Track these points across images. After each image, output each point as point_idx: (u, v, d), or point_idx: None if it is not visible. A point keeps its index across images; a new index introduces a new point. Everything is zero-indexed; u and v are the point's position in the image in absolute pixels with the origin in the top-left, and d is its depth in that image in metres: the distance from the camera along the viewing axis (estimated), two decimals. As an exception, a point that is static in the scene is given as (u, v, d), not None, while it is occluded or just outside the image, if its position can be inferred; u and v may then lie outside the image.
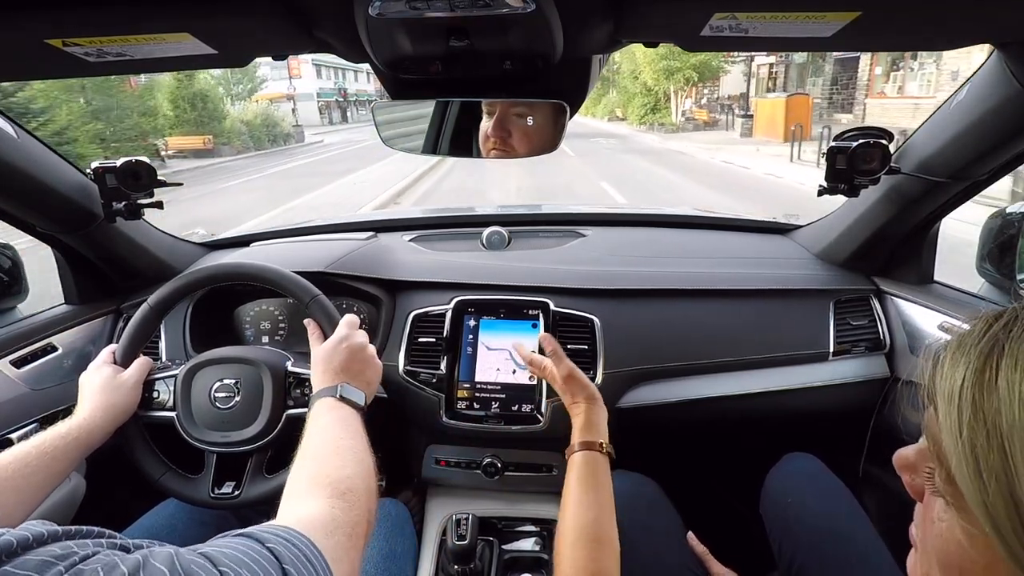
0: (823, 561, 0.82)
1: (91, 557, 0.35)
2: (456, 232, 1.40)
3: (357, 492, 0.57)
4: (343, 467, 0.60)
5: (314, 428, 0.69)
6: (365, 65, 0.72)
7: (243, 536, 0.44)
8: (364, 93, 46.38)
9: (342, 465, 0.61)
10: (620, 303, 1.11)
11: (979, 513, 0.28)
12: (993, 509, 0.28)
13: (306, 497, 0.55)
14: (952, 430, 0.30)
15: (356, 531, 0.53)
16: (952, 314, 1.00)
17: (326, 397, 0.74)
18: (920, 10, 0.56)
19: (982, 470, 0.28)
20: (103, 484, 1.03)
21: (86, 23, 0.54)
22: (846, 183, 0.97)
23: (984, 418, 0.28)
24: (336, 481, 0.57)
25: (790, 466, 1.00)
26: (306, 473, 0.60)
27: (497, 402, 1.04)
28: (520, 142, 0.79)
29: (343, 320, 0.86)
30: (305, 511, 0.53)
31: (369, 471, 0.63)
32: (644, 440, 1.27)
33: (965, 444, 0.29)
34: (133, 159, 1.01)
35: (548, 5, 0.53)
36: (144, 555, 0.37)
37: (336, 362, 0.80)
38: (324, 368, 0.80)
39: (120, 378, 0.86)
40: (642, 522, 0.90)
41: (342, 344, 0.82)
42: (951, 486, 0.31)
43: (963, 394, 0.30)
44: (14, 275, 1.13)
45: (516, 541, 1.03)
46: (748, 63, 20.79)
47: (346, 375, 0.79)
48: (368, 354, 0.85)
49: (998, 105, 0.75)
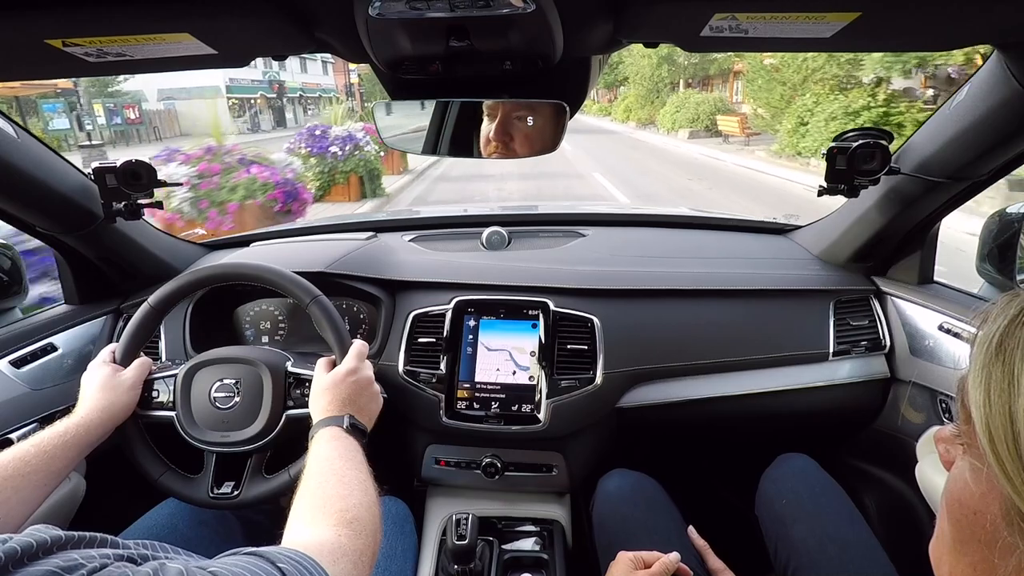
0: (819, 563, 0.82)
1: (101, 570, 0.34)
2: (456, 232, 1.40)
3: (363, 521, 0.58)
4: (349, 496, 0.61)
5: (319, 456, 0.69)
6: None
7: (254, 555, 0.44)
8: (313, 87, 35.88)
9: (348, 495, 0.61)
10: (620, 303, 1.11)
11: (981, 431, 0.31)
12: (993, 425, 0.31)
13: (313, 524, 0.56)
14: (977, 372, 0.33)
15: (362, 559, 0.54)
16: (952, 314, 1.00)
17: (332, 426, 0.75)
18: (920, 11, 0.56)
19: (991, 391, 0.31)
20: (103, 484, 1.03)
21: (86, 23, 0.54)
22: (846, 183, 0.97)
23: (1003, 357, 0.32)
24: (342, 510, 0.58)
25: (783, 467, 0.99)
26: (312, 501, 0.60)
27: (497, 402, 1.04)
28: (521, 144, 0.80)
29: (353, 351, 0.87)
30: (312, 537, 0.53)
31: (374, 502, 0.63)
32: (645, 439, 1.27)
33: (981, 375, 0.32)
34: (133, 159, 1.01)
35: (548, 5, 0.53)
36: (155, 568, 0.37)
37: (344, 394, 0.81)
38: (331, 398, 0.80)
39: (119, 377, 0.86)
40: (642, 519, 0.90)
41: (350, 377, 0.83)
42: (967, 425, 0.34)
43: (993, 340, 0.33)
44: (14, 275, 1.13)
45: (516, 541, 1.03)
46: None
47: (351, 407, 0.80)
48: (374, 390, 0.86)
49: (998, 105, 0.75)
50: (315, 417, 0.79)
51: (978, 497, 0.33)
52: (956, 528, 0.36)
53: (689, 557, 0.86)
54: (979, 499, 0.33)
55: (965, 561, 0.35)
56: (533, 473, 1.08)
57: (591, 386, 1.03)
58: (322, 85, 37.09)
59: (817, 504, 0.90)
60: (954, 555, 0.36)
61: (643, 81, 23.18)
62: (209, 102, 14.39)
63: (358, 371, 0.84)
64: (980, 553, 0.33)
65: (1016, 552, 0.30)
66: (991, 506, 0.32)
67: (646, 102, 23.15)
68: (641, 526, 0.90)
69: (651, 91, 22.95)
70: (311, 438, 0.75)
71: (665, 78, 22.43)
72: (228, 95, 27.79)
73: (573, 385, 1.03)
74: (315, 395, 0.82)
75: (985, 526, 0.32)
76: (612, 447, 1.15)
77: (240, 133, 22.39)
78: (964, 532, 0.35)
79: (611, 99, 36.92)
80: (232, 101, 28.15)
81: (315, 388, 0.83)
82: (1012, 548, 0.30)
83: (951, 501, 0.36)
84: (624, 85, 30.24)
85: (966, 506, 0.34)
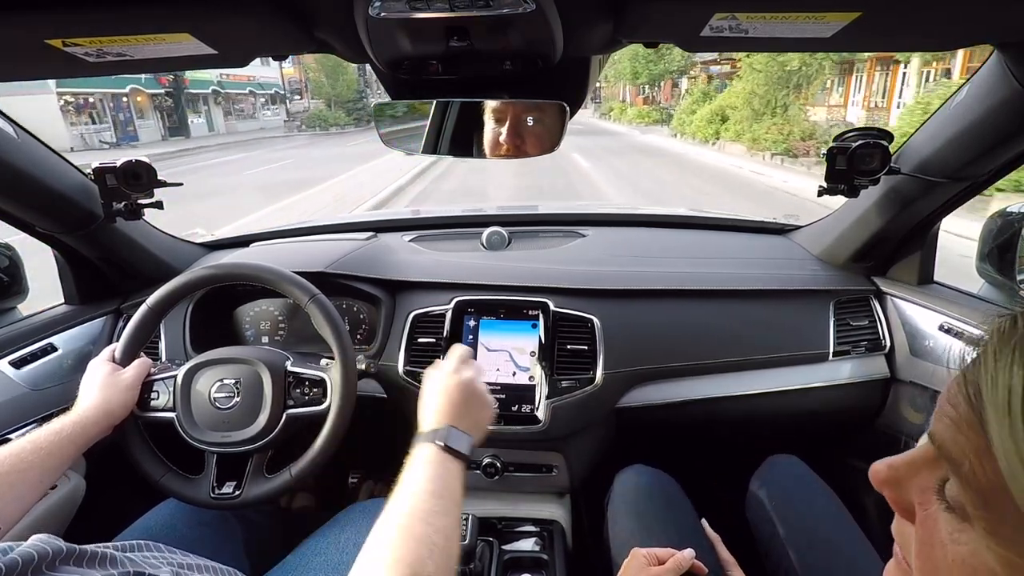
0: (809, 564, 0.82)
1: None
2: (456, 232, 1.40)
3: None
4: (427, 560, 0.51)
5: (407, 488, 0.60)
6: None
7: None
8: (242, 80, 27.07)
9: (428, 556, 0.52)
10: (620, 303, 1.11)
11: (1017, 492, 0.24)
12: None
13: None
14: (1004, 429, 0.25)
15: None
16: (952, 315, 1.00)
17: (428, 443, 0.65)
18: (920, 10, 0.56)
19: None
20: (103, 484, 1.03)
21: (86, 23, 0.54)
22: (846, 183, 0.97)
23: None
24: (410, 563, 0.50)
25: (771, 469, 0.99)
26: (384, 554, 0.52)
27: (497, 402, 1.04)
28: (532, 145, 0.80)
29: (454, 352, 0.77)
30: None
31: (451, 560, 0.55)
32: (646, 439, 1.27)
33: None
34: (133, 159, 1.01)
35: (548, 5, 0.53)
36: None
37: (452, 400, 0.70)
38: (437, 405, 0.69)
39: (118, 376, 0.86)
40: (661, 514, 0.90)
41: (455, 377, 0.72)
42: (979, 496, 0.27)
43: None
44: (14, 275, 1.13)
45: (516, 541, 1.03)
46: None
47: (455, 417, 0.68)
48: (487, 399, 0.75)
49: (998, 105, 0.75)
50: (421, 426, 0.69)
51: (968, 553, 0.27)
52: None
53: (705, 554, 0.86)
54: (971, 555, 0.27)
55: None
56: (533, 473, 1.08)
57: (591, 386, 1.03)
58: (258, 78, 28.65)
59: (806, 505, 0.90)
60: None
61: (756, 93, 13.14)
62: (31, 100, 9.46)
63: (461, 371, 0.74)
64: None
65: None
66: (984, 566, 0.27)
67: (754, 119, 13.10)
68: (660, 519, 0.90)
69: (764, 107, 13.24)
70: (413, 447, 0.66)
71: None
72: (61, 89, 17.26)
73: (573, 385, 1.03)
74: (424, 406, 0.72)
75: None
76: (612, 447, 1.15)
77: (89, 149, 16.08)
78: None
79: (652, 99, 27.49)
80: (68, 99, 18.42)
81: (424, 395, 0.73)
82: None
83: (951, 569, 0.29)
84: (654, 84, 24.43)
85: (968, 565, 0.28)
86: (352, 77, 29.09)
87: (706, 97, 16.53)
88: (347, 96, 29.32)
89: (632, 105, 27.40)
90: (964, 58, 10.71)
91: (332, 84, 28.61)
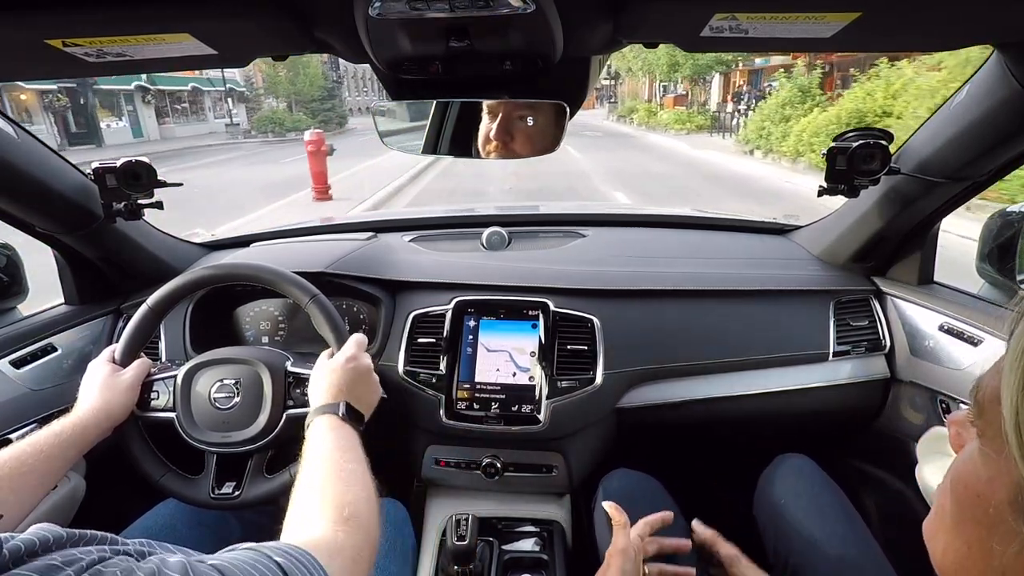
0: (816, 563, 0.82)
1: (99, 563, 0.35)
2: (456, 232, 1.40)
3: (361, 517, 0.58)
4: (347, 492, 0.61)
5: (316, 447, 0.69)
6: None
7: (252, 550, 0.45)
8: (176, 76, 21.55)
9: (346, 490, 0.61)
10: (620, 303, 1.11)
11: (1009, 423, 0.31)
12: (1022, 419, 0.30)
13: (311, 520, 0.56)
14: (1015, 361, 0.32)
15: (360, 555, 0.54)
16: (952, 315, 1.00)
17: (328, 414, 0.75)
18: (920, 11, 0.56)
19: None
20: (103, 484, 1.03)
21: (86, 23, 0.54)
22: (846, 184, 0.96)
23: None
24: (340, 506, 0.58)
25: (782, 467, 0.99)
26: (310, 495, 0.60)
27: (497, 402, 1.04)
28: (522, 144, 0.80)
29: (352, 339, 0.87)
30: (310, 534, 0.53)
31: (372, 496, 0.63)
32: (645, 440, 1.27)
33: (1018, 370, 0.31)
34: (133, 159, 1.01)
35: (548, 5, 0.53)
36: (158, 562, 0.38)
37: (342, 380, 0.80)
38: (329, 384, 0.80)
39: (118, 377, 0.86)
40: (644, 516, 0.90)
41: (349, 364, 0.83)
42: (980, 419, 0.35)
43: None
44: (14, 275, 1.13)
45: (516, 541, 1.03)
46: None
47: (349, 395, 0.79)
48: (373, 380, 0.86)
49: (998, 105, 0.75)
50: (312, 404, 0.78)
51: (985, 481, 0.33)
52: (958, 507, 0.36)
53: (690, 555, 0.87)
54: (986, 483, 0.33)
55: (961, 540, 0.36)
56: (533, 474, 1.08)
57: (591, 386, 1.03)
58: (207, 73, 24.01)
59: (815, 504, 0.90)
60: (951, 533, 0.37)
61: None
62: None
63: (357, 359, 0.84)
64: (978, 534, 0.34)
65: (1018, 539, 0.30)
66: (998, 492, 0.32)
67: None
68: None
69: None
70: (307, 426, 0.74)
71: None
72: None
73: (573, 385, 1.03)
74: (314, 382, 0.83)
75: (988, 510, 0.33)
76: (612, 447, 1.15)
77: None
78: (965, 512, 0.36)
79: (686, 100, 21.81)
80: None
81: (314, 375, 0.84)
82: (1015, 535, 0.31)
83: (957, 481, 0.37)
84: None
85: (971, 488, 0.35)
86: (316, 71, 24.90)
87: (806, 96, 10.64)
88: (310, 94, 24.87)
89: (662, 106, 21.63)
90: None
91: (291, 79, 24.16)
